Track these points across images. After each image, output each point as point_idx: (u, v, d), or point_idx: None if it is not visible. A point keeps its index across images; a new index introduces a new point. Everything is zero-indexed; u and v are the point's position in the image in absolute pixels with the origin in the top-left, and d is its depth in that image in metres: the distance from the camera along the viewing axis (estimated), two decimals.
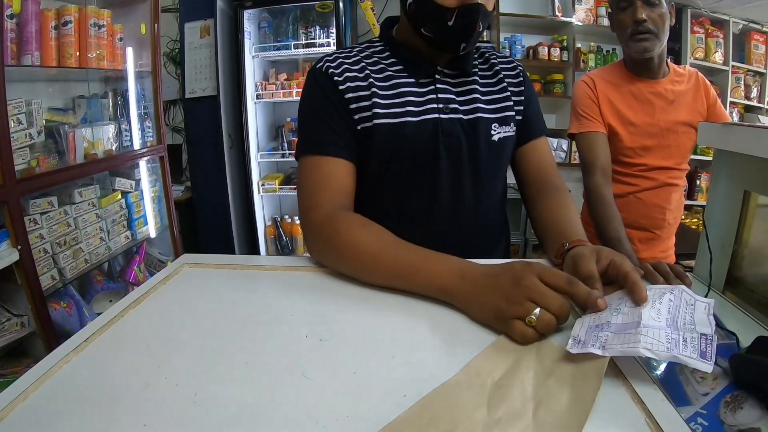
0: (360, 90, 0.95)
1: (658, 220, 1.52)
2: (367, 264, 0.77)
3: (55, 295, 1.94)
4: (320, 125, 0.95)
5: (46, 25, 1.91)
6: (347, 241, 0.80)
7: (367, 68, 0.97)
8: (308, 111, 0.99)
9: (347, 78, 0.95)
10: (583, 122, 1.48)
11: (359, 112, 0.94)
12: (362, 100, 0.94)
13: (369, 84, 0.95)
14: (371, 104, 0.93)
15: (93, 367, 0.56)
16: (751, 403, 0.54)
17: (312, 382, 0.53)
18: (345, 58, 0.99)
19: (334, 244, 0.82)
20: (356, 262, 0.79)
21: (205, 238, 3.37)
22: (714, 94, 1.52)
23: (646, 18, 1.36)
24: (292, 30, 3.17)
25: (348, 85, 0.94)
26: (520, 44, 3.74)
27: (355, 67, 0.97)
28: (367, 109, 0.94)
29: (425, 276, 0.72)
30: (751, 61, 3.99)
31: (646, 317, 0.57)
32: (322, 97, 0.96)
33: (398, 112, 0.94)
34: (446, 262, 0.73)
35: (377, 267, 0.76)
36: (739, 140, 0.80)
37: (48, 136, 1.94)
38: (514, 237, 3.57)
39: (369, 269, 0.77)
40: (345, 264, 0.81)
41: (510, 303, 0.61)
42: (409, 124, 0.94)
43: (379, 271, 0.76)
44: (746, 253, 0.85)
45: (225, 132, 3.13)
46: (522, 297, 0.61)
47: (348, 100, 0.94)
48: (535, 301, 0.60)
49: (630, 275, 0.64)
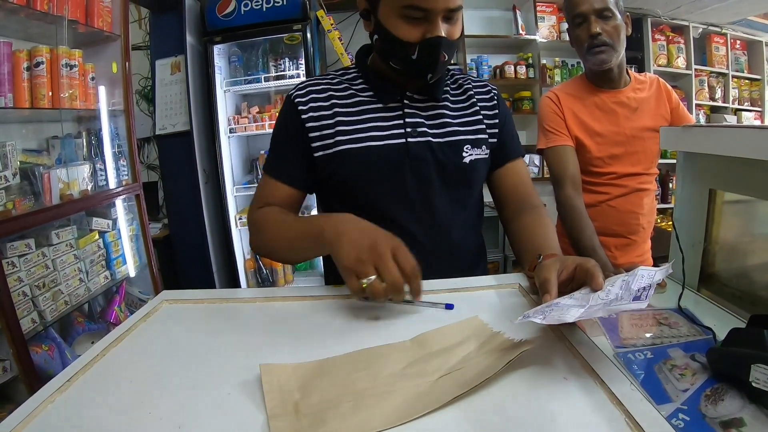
0: (323, 119, 1.00)
1: (632, 225, 1.54)
2: (274, 232, 0.96)
3: (36, 338, 1.89)
4: (279, 152, 1.06)
5: (18, 66, 1.90)
6: (261, 218, 0.99)
7: (333, 97, 1.01)
8: (275, 136, 1.08)
9: (311, 108, 1.01)
10: (551, 137, 1.51)
11: (320, 140, 0.99)
12: (325, 129, 0.99)
13: (334, 113, 0.99)
14: (334, 132, 0.98)
15: (77, 406, 0.56)
16: (732, 395, 0.55)
17: None
18: (314, 86, 1.03)
19: (255, 226, 1.01)
20: (266, 234, 0.98)
21: (185, 274, 3.32)
22: (676, 98, 1.57)
23: (601, 31, 1.39)
24: (262, 63, 3.19)
25: (311, 114, 1.00)
26: (486, 65, 3.83)
27: (322, 95, 1.02)
28: (329, 137, 0.99)
29: (314, 225, 0.86)
30: (713, 63, 4.14)
31: (594, 299, 0.62)
32: (283, 125, 1.05)
33: (361, 137, 0.97)
34: (333, 216, 0.85)
35: (280, 232, 0.94)
36: (700, 141, 0.83)
37: (23, 177, 1.91)
38: (493, 255, 3.59)
39: (275, 235, 0.95)
40: (260, 237, 0.99)
41: (357, 260, 0.73)
42: (373, 148, 0.97)
43: (285, 233, 0.93)
44: (717, 250, 0.87)
45: (200, 167, 3.11)
46: (369, 260, 0.72)
47: (308, 129, 1.00)
48: (377, 267, 0.72)
49: (590, 269, 0.68)
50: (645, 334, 0.71)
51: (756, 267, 0.87)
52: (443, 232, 1.01)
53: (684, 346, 0.67)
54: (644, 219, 1.55)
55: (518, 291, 0.84)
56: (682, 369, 0.60)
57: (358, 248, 0.74)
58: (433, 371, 0.56)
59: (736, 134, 0.74)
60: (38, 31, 2.04)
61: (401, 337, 0.67)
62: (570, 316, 0.58)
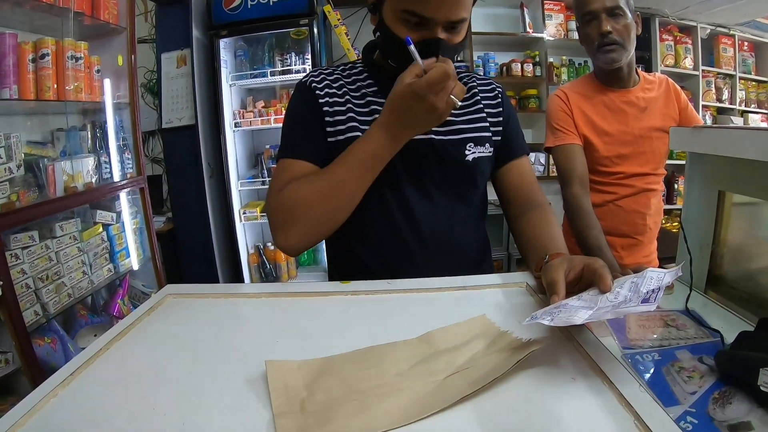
0: (336, 105, 0.99)
1: (639, 225, 1.54)
2: (317, 190, 0.89)
3: (39, 330, 1.89)
4: (298, 131, 1.01)
5: (24, 58, 1.90)
6: (290, 194, 0.90)
7: (345, 86, 1.02)
8: (289, 119, 1.04)
9: (327, 93, 1.00)
10: (559, 135, 1.50)
11: (334, 125, 0.98)
12: (338, 114, 0.99)
13: (346, 100, 1.00)
14: (347, 119, 0.98)
15: (80, 400, 0.55)
16: (740, 398, 0.54)
17: None
18: (328, 75, 1.04)
19: (284, 206, 0.91)
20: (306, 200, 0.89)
21: (188, 268, 3.33)
22: (685, 99, 1.56)
23: (611, 30, 1.39)
24: (268, 57, 3.19)
25: (327, 99, 1.00)
26: (493, 62, 3.82)
27: (335, 84, 1.02)
28: (342, 123, 0.98)
29: (369, 155, 0.87)
30: (720, 64, 4.12)
31: (602, 301, 0.61)
32: (302, 106, 1.02)
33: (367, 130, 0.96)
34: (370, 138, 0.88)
35: (326, 184, 0.89)
36: (709, 142, 0.82)
37: (27, 170, 1.91)
38: (497, 253, 3.58)
39: (321, 194, 0.88)
40: (296, 213, 0.89)
41: (434, 111, 0.82)
42: None
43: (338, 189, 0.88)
44: (725, 252, 0.87)
45: (204, 161, 3.12)
46: (439, 102, 0.81)
47: (325, 113, 0.99)
48: (443, 97, 0.80)
49: (598, 269, 0.67)
50: (652, 336, 0.70)
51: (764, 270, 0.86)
52: (445, 229, 1.01)
53: (692, 348, 0.66)
54: (651, 219, 1.55)
55: (525, 290, 0.84)
56: (689, 371, 0.59)
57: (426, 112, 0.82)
58: (440, 371, 0.56)
59: (746, 136, 0.73)
60: (44, 22, 2.04)
61: (407, 334, 0.67)
62: (578, 318, 0.57)
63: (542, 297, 0.78)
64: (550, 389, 0.54)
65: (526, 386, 0.54)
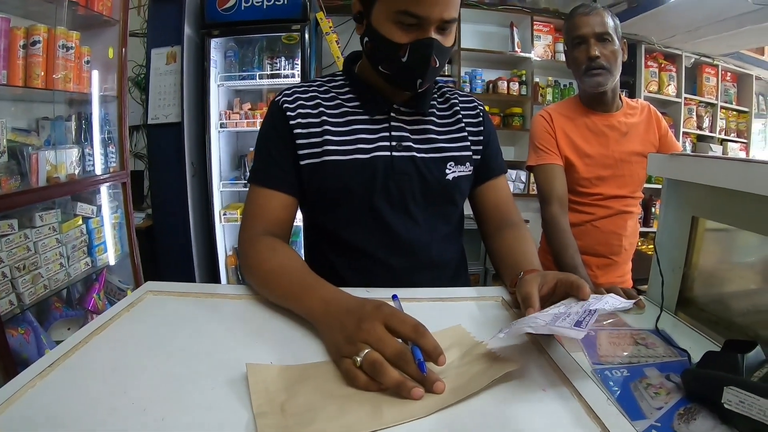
0: (311, 126, 0.98)
1: (614, 246, 1.57)
2: (266, 284, 0.85)
3: (13, 320, 1.86)
4: (266, 158, 1.00)
5: (15, 43, 1.88)
6: (254, 261, 0.89)
7: (321, 105, 1.00)
8: (260, 142, 1.03)
9: (300, 114, 0.99)
10: (541, 155, 1.53)
11: (307, 148, 0.97)
12: (312, 137, 0.97)
13: (321, 121, 0.98)
14: (322, 141, 0.97)
15: (58, 392, 0.56)
16: (704, 415, 0.56)
17: None
18: (302, 93, 1.02)
19: (246, 263, 0.90)
20: (258, 281, 0.86)
21: (165, 266, 3.28)
22: (665, 126, 1.60)
23: (599, 54, 1.43)
24: (257, 60, 3.19)
25: (299, 121, 0.98)
26: (480, 78, 3.87)
27: (310, 103, 1.00)
28: (317, 145, 0.97)
29: (303, 301, 0.76)
30: (702, 92, 4.23)
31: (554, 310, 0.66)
32: (272, 131, 1.01)
33: (349, 149, 0.97)
34: (321, 290, 0.76)
35: (272, 287, 0.83)
36: (685, 169, 0.85)
37: (11, 156, 1.89)
38: (474, 267, 3.60)
39: (267, 289, 0.84)
40: (252, 281, 0.88)
41: (346, 342, 0.62)
42: (359, 161, 0.97)
43: (274, 292, 0.83)
44: (696, 275, 0.89)
45: (188, 160, 3.09)
46: (358, 339, 0.61)
47: (296, 136, 0.98)
48: (371, 345, 0.60)
49: (575, 281, 0.70)
50: (623, 353, 0.73)
51: (732, 294, 0.89)
52: (424, 246, 1.02)
53: (660, 366, 0.68)
54: (626, 241, 1.58)
55: (501, 304, 0.86)
56: (657, 388, 0.61)
57: (344, 330, 0.64)
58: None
59: (722, 165, 0.76)
60: (38, 9, 2.02)
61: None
62: (525, 325, 0.61)
63: (516, 311, 0.80)
64: (522, 399, 0.56)
65: (499, 395, 0.56)
